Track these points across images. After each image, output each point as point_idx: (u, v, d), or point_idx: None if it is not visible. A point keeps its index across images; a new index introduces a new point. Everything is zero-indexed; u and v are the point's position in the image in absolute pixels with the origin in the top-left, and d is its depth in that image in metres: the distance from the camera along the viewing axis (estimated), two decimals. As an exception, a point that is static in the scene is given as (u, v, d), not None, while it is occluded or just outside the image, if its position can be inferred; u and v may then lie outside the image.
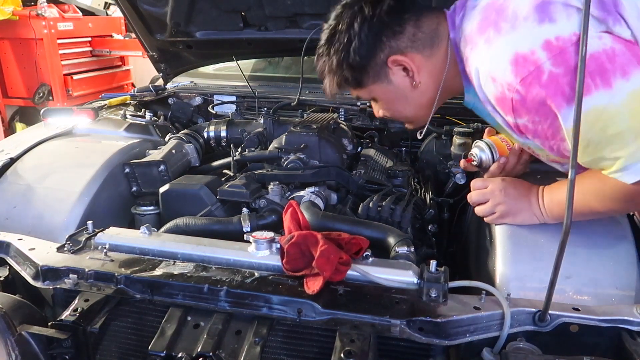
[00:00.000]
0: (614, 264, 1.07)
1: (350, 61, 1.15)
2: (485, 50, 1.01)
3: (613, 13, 0.92)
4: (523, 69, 0.93)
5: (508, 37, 0.96)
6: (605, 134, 0.92)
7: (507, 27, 0.96)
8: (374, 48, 1.13)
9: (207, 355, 0.93)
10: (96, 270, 1.09)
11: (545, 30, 0.92)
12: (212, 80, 2.52)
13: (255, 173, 1.56)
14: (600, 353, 0.94)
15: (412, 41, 1.13)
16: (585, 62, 0.83)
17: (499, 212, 1.18)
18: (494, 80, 0.99)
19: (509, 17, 0.97)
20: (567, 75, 0.91)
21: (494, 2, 1.02)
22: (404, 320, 0.94)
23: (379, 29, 1.12)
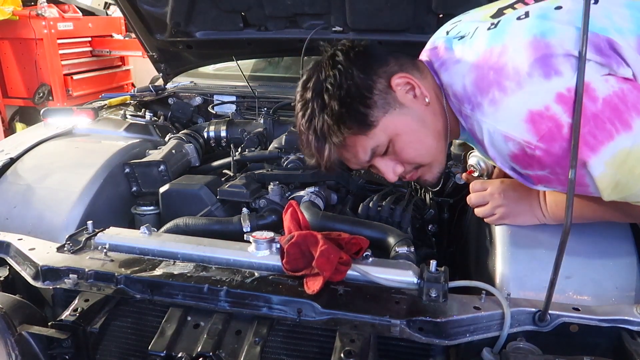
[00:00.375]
0: (614, 264, 1.07)
1: (352, 95, 1.02)
2: (493, 112, 0.96)
3: (612, 56, 0.91)
4: (541, 125, 0.91)
5: (517, 96, 0.93)
6: (634, 175, 0.91)
7: (512, 85, 0.93)
8: (370, 79, 1.03)
9: (207, 355, 0.93)
10: (96, 270, 1.09)
11: (554, 84, 0.90)
12: (212, 80, 2.52)
13: (255, 173, 1.56)
14: (600, 353, 0.94)
15: (399, 65, 1.07)
16: (585, 62, 0.83)
17: (498, 213, 1.18)
18: (510, 140, 0.95)
19: (511, 75, 0.93)
20: (586, 125, 0.89)
21: (485, 58, 0.98)
22: (404, 320, 0.94)
23: (366, 61, 1.05)
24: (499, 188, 1.19)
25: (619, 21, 0.92)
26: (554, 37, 0.92)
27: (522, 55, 0.93)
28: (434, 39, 1.19)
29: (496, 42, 0.98)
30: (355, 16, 1.93)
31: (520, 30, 0.96)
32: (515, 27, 0.97)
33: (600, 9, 0.94)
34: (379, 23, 1.93)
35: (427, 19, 1.88)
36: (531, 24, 0.96)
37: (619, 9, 0.95)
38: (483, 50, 0.99)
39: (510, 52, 0.94)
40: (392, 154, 1.08)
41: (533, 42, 0.93)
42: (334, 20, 1.99)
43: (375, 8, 1.88)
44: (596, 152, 0.90)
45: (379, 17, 1.90)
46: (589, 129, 0.89)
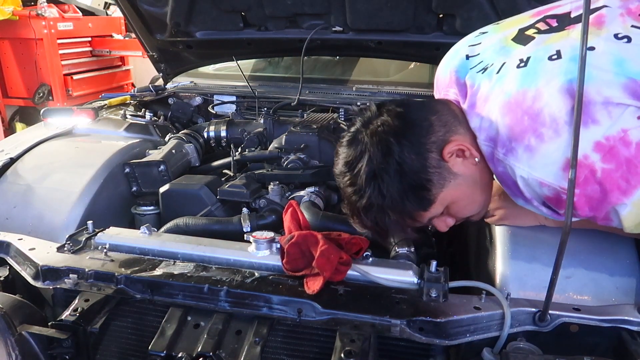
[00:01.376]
0: (614, 264, 1.07)
1: (410, 182, 0.98)
2: (527, 159, 0.94)
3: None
4: (578, 173, 0.89)
5: (555, 145, 0.91)
6: None
7: (549, 133, 0.91)
8: (423, 155, 0.99)
9: (207, 355, 0.93)
10: (96, 270, 1.09)
11: (592, 133, 0.89)
12: (212, 80, 2.52)
13: (255, 173, 1.56)
14: (600, 353, 0.94)
15: (444, 126, 1.02)
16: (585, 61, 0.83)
17: (498, 215, 1.18)
18: (544, 185, 0.95)
19: (547, 123, 0.91)
20: (619, 169, 0.89)
21: (517, 102, 0.95)
22: (404, 320, 0.94)
23: (413, 135, 0.99)
24: (499, 190, 1.19)
25: None
26: (590, 83, 0.88)
27: (558, 102, 0.91)
28: (454, 66, 1.13)
29: (529, 85, 0.94)
30: (355, 16, 1.93)
31: (554, 73, 0.93)
32: (548, 70, 0.94)
33: (635, 49, 0.91)
34: (379, 23, 1.93)
35: (427, 19, 1.88)
36: (565, 67, 0.92)
37: None
38: (515, 91, 0.96)
39: (545, 97, 0.92)
40: (447, 214, 1.08)
41: (569, 89, 0.90)
42: (334, 20, 1.99)
43: (375, 8, 1.88)
44: (627, 195, 0.90)
45: (379, 17, 1.90)
46: (622, 174, 0.89)
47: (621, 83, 0.89)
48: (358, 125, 1.04)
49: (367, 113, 1.05)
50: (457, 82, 1.09)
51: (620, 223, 0.94)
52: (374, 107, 1.05)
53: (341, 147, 1.05)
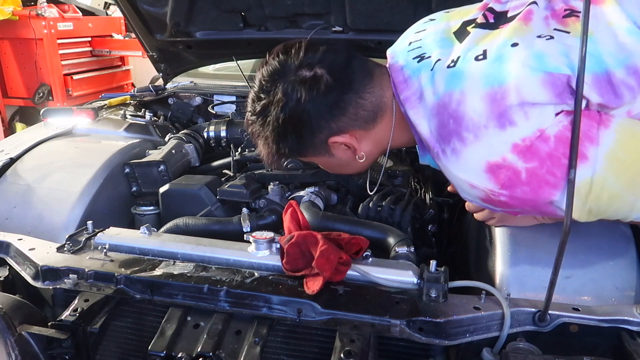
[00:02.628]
0: (614, 264, 1.07)
1: (287, 143, 1.09)
2: (455, 161, 0.98)
3: (566, 92, 0.90)
4: (500, 175, 0.93)
5: (475, 148, 0.95)
6: (602, 200, 0.92)
7: (470, 137, 0.94)
8: (312, 131, 1.07)
9: (207, 355, 0.93)
10: (96, 270, 1.09)
11: (509, 135, 0.91)
12: (212, 80, 2.52)
13: (255, 173, 1.56)
14: (600, 353, 0.94)
15: (353, 120, 1.07)
16: (584, 61, 0.83)
17: (497, 216, 1.18)
18: (474, 187, 0.98)
19: (469, 127, 0.94)
20: (543, 165, 0.91)
21: (443, 104, 0.98)
22: (404, 320, 0.94)
23: (318, 112, 1.04)
24: None
25: (575, 58, 0.89)
26: (509, 84, 0.91)
27: (479, 106, 0.93)
28: (396, 49, 1.16)
29: (455, 87, 0.97)
30: (355, 16, 1.93)
31: (478, 76, 0.95)
32: (473, 71, 0.96)
33: (556, 46, 0.93)
34: (379, 23, 1.93)
35: (427, 19, 1.88)
36: (489, 70, 0.94)
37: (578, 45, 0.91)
38: (442, 93, 0.99)
39: (468, 101, 0.95)
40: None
41: (490, 93, 0.92)
42: (333, 20, 1.99)
43: (375, 8, 1.88)
44: (558, 189, 0.91)
45: (379, 17, 1.90)
46: (547, 169, 0.91)
47: (539, 77, 0.90)
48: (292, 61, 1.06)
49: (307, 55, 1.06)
50: (395, 66, 1.11)
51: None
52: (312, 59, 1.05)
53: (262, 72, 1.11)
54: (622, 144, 0.90)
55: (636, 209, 0.93)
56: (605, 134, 0.90)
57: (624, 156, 0.90)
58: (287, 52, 1.09)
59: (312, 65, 1.04)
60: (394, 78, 1.09)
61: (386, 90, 1.10)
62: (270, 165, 1.24)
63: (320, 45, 1.08)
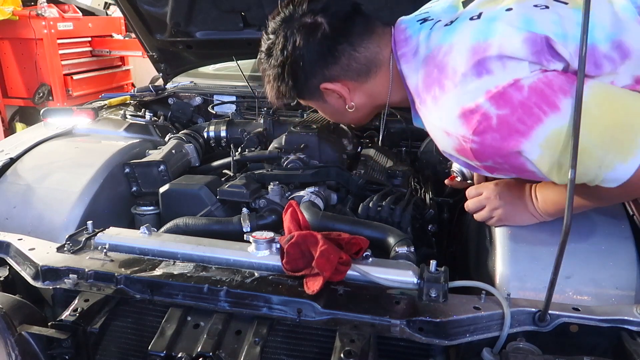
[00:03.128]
0: (614, 264, 1.07)
1: (285, 83, 1.18)
2: (434, 109, 1.03)
3: (546, 51, 0.94)
4: (472, 120, 0.96)
5: (452, 94, 0.99)
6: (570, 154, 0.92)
7: (449, 84, 0.99)
8: (306, 75, 1.16)
9: (207, 355, 0.93)
10: (96, 270, 1.09)
11: (484, 83, 0.95)
12: (212, 80, 2.52)
13: (255, 173, 1.56)
14: (600, 353, 0.94)
15: (344, 70, 1.14)
16: (585, 60, 0.83)
17: (497, 216, 1.19)
18: (449, 135, 1.02)
19: (449, 75, 0.99)
20: (515, 113, 0.93)
21: (432, 56, 1.04)
22: (404, 320, 0.94)
23: (311, 58, 1.13)
24: (494, 191, 1.20)
25: (567, 27, 0.94)
26: (494, 39, 0.95)
27: (463, 57, 0.98)
28: (405, 16, 1.23)
29: (446, 41, 1.02)
30: (355, 16, 1.92)
31: (468, 31, 1.00)
32: (464, 28, 1.01)
33: (549, 15, 0.96)
34: (379, 23, 1.92)
35: (427, 19, 1.88)
36: (479, 27, 0.99)
37: (572, 16, 0.96)
38: (434, 46, 1.04)
39: (454, 52, 1.00)
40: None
41: (475, 46, 0.97)
42: (334, 20, 1.98)
43: (375, 8, 1.87)
44: (527, 137, 0.93)
45: (379, 17, 1.89)
46: (518, 117, 0.93)
47: (522, 35, 0.94)
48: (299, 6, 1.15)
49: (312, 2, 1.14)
50: (399, 27, 1.17)
51: (539, 171, 0.98)
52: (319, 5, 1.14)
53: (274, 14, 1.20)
54: (595, 100, 0.91)
55: (604, 165, 0.92)
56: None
57: (596, 111, 0.91)
58: (293, 1, 1.17)
59: (315, 13, 1.12)
60: (396, 36, 1.15)
61: (384, 48, 1.15)
62: (274, 104, 1.32)
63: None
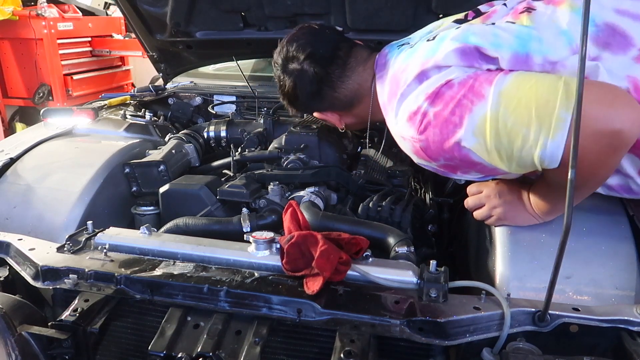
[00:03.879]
0: (614, 264, 1.07)
1: (289, 107, 1.48)
2: (392, 118, 1.17)
3: (477, 57, 1.05)
4: (415, 120, 1.08)
5: (401, 102, 1.13)
6: (502, 138, 0.98)
7: (399, 95, 1.13)
8: (301, 108, 1.47)
9: (207, 355, 0.93)
10: (96, 270, 1.09)
11: (424, 87, 1.07)
12: (212, 80, 2.52)
13: (255, 173, 1.56)
14: (600, 353, 0.94)
15: (331, 105, 1.40)
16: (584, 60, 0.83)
17: (496, 215, 1.19)
18: (404, 139, 1.14)
19: (401, 87, 1.13)
20: (447, 107, 1.03)
21: (394, 75, 1.18)
22: (404, 320, 0.94)
23: (302, 97, 1.38)
24: (494, 190, 1.20)
25: (504, 38, 1.04)
26: (437, 53, 1.08)
27: (412, 71, 1.11)
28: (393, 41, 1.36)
29: (405, 61, 1.16)
30: (355, 16, 1.93)
31: (422, 51, 1.13)
32: (421, 49, 1.14)
33: (490, 29, 1.07)
34: (379, 23, 1.93)
35: (427, 19, 1.86)
36: (431, 46, 1.12)
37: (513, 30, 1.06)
38: (397, 67, 1.19)
39: (408, 70, 1.13)
40: None
41: (423, 62, 1.10)
42: (334, 20, 1.98)
43: (375, 8, 1.88)
44: (461, 126, 1.02)
45: (379, 17, 1.90)
46: (450, 109, 1.03)
47: (455, 46, 1.06)
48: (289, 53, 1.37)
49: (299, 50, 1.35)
50: (382, 52, 1.33)
51: (483, 159, 1.04)
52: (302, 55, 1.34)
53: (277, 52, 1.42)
54: (514, 83, 0.98)
55: (534, 143, 0.95)
56: (502, 77, 1.00)
57: (515, 92, 0.97)
58: (290, 42, 1.38)
59: (301, 60, 1.34)
60: (378, 61, 1.31)
61: (367, 77, 1.33)
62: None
63: (314, 37, 1.36)
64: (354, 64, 1.34)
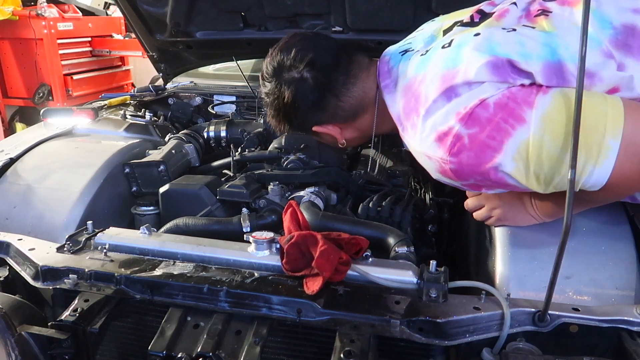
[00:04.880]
0: (614, 264, 1.07)
1: (282, 124, 1.31)
2: (413, 135, 1.08)
3: (510, 72, 0.97)
4: (446, 142, 1.00)
5: (428, 120, 1.03)
6: (544, 164, 0.95)
7: (423, 111, 1.04)
8: (298, 122, 1.28)
9: (207, 355, 0.93)
10: (96, 270, 1.09)
11: (454, 106, 0.99)
12: (212, 80, 2.52)
13: (255, 173, 1.56)
14: (600, 353, 0.94)
15: (333, 117, 1.25)
16: (585, 61, 0.83)
17: (495, 215, 1.19)
18: (430, 158, 1.06)
19: (422, 102, 1.04)
20: (484, 130, 0.96)
21: (409, 85, 1.10)
22: (404, 321, 0.94)
23: (301, 109, 1.24)
24: None
25: (531, 47, 0.98)
26: (461, 65, 1.00)
27: (434, 84, 1.03)
28: (391, 46, 1.30)
29: (421, 70, 1.08)
30: (355, 16, 1.93)
31: (439, 60, 1.05)
32: (437, 57, 1.07)
33: (514, 36, 1.01)
34: (379, 23, 1.93)
35: (428, 19, 1.86)
36: (449, 55, 1.04)
37: (537, 37, 0.99)
38: (411, 76, 1.11)
39: (427, 81, 1.05)
40: None
41: (445, 74, 1.02)
42: (334, 20, 1.99)
43: (375, 8, 1.88)
44: (500, 152, 0.96)
45: (379, 17, 1.90)
46: (488, 133, 0.96)
47: (485, 59, 0.98)
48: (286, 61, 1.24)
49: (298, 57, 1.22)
50: (384, 59, 1.25)
51: (519, 183, 1.00)
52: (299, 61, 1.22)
53: (266, 63, 1.30)
54: (557, 107, 0.93)
55: (580, 169, 0.92)
56: (542, 99, 0.95)
57: (558, 117, 0.93)
58: (283, 50, 1.25)
59: (301, 68, 1.21)
60: (380, 69, 1.23)
61: (371, 85, 1.24)
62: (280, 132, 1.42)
63: (313, 44, 1.24)
64: (357, 71, 1.23)
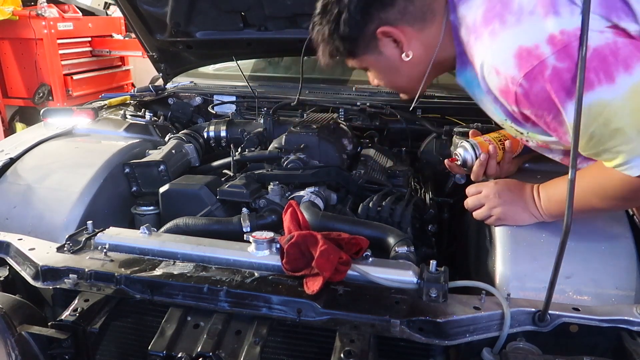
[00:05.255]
0: (614, 264, 1.07)
1: (340, 32, 1.14)
2: (489, 43, 0.98)
3: (619, 7, 0.90)
4: (527, 63, 0.92)
5: (513, 31, 0.94)
6: (608, 129, 0.91)
7: (512, 20, 0.94)
8: (363, 20, 1.12)
9: (207, 355, 0.93)
10: (96, 270, 1.09)
11: (549, 24, 0.91)
12: (212, 80, 2.52)
13: (255, 173, 1.56)
14: (600, 353, 0.94)
15: (402, 14, 1.10)
16: (585, 62, 0.83)
17: (495, 215, 1.18)
18: (498, 73, 0.98)
19: (514, 10, 0.95)
20: (571, 70, 0.89)
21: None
22: (404, 320, 0.94)
23: (368, 1, 1.10)
24: (494, 189, 1.20)
25: None
26: None
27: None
28: None
29: None
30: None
31: None
32: None
33: None
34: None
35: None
36: None
37: None
38: None
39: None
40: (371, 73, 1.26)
41: None
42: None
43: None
44: (573, 99, 0.90)
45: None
46: (573, 75, 0.89)
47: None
48: None
49: None
50: None
51: (568, 134, 0.95)
52: None
53: None
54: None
55: (634, 148, 0.90)
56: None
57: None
58: None
59: None
60: None
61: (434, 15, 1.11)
62: (326, 66, 1.27)
63: None
64: None
